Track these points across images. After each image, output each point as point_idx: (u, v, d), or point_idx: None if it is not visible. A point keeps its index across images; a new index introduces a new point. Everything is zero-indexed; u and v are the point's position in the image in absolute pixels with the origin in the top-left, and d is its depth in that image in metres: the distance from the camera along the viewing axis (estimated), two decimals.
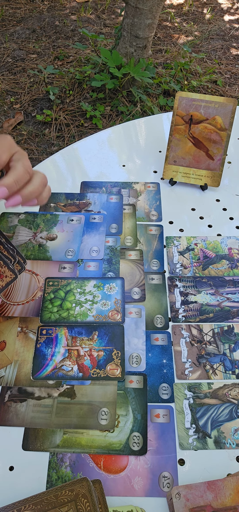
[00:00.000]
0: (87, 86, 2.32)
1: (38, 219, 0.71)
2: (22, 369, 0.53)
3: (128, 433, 0.48)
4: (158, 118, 0.98)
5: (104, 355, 0.54)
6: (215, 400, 0.51)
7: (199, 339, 0.56)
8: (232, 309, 0.60)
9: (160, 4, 2.04)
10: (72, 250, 0.66)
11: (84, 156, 0.86)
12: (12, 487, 0.44)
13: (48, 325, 0.57)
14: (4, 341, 0.55)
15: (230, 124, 0.73)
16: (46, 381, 0.52)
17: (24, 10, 3.11)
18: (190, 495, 0.41)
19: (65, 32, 2.90)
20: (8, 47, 2.69)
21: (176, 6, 3.30)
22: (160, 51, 2.75)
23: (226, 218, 0.73)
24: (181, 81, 2.38)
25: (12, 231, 0.69)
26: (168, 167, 0.78)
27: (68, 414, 0.49)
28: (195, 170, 0.77)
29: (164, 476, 0.45)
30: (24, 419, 0.49)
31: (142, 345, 0.55)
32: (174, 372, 0.53)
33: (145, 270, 0.64)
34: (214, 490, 0.41)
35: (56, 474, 0.45)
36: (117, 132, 0.93)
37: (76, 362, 0.53)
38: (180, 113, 0.75)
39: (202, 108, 0.74)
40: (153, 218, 0.72)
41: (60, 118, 2.15)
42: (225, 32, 3.00)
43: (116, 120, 2.15)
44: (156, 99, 2.26)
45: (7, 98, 2.30)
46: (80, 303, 0.59)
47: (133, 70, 2.09)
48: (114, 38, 2.71)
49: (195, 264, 0.65)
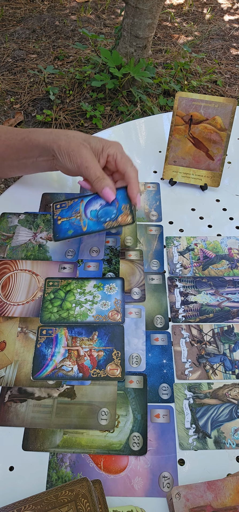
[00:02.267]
0: (87, 86, 2.32)
1: (38, 219, 0.71)
2: (22, 369, 0.53)
3: (128, 433, 0.48)
4: (158, 118, 0.98)
5: (104, 355, 0.54)
6: (215, 400, 0.51)
7: (199, 339, 0.56)
8: (232, 309, 0.60)
9: (160, 4, 2.04)
10: (72, 250, 0.66)
11: None
12: (12, 487, 0.44)
13: (48, 325, 0.57)
14: (4, 341, 0.55)
15: (230, 124, 0.73)
16: (46, 381, 0.52)
17: (24, 10, 3.11)
18: (190, 495, 0.41)
19: (65, 32, 2.90)
20: (8, 47, 2.69)
21: (176, 6, 3.30)
22: (160, 51, 2.75)
23: (226, 218, 0.73)
24: (181, 81, 2.38)
25: (12, 231, 0.69)
26: (168, 167, 0.78)
27: (68, 414, 0.49)
28: (195, 170, 0.77)
29: (164, 476, 0.45)
30: (24, 419, 0.49)
31: (142, 345, 0.55)
32: (174, 372, 0.53)
33: (145, 270, 0.64)
34: (214, 490, 0.41)
35: (56, 474, 0.45)
36: (118, 132, 0.93)
37: (76, 362, 0.53)
38: (180, 113, 0.75)
39: (202, 108, 0.74)
40: (153, 218, 0.72)
41: (60, 118, 2.15)
42: (225, 32, 3.00)
43: (116, 120, 2.15)
44: (156, 99, 2.26)
45: (7, 98, 2.30)
46: (80, 303, 0.59)
47: (133, 70, 2.09)
48: (114, 38, 2.71)
49: (195, 264, 0.65)
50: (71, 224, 0.58)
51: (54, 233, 0.60)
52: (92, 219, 0.59)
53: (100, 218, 0.58)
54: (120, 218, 0.57)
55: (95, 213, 0.59)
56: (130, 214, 0.58)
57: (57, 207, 0.62)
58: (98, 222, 0.58)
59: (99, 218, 0.58)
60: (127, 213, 0.57)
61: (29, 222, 0.71)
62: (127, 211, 0.57)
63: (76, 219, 0.58)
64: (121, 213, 0.57)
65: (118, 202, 0.59)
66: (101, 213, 0.58)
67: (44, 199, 0.76)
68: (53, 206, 0.63)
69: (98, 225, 0.58)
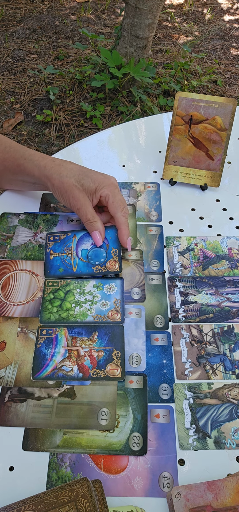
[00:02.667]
0: (87, 86, 2.32)
1: (38, 220, 0.71)
2: (22, 369, 0.53)
3: (128, 433, 0.48)
4: (158, 118, 0.98)
5: (104, 355, 0.54)
6: (215, 400, 0.51)
7: (199, 339, 0.56)
8: (232, 309, 0.60)
9: (160, 4, 2.04)
10: None
11: (84, 156, 0.86)
12: (12, 487, 0.44)
13: (48, 326, 0.57)
14: (4, 341, 0.55)
15: (230, 124, 0.73)
16: (46, 381, 0.52)
17: (24, 10, 3.11)
18: (190, 495, 0.41)
19: (65, 32, 2.90)
20: (8, 47, 2.69)
21: (176, 6, 3.30)
22: (160, 51, 2.75)
23: (226, 218, 0.73)
24: (181, 81, 2.38)
25: (12, 231, 0.69)
26: (168, 167, 0.78)
27: (68, 414, 0.49)
28: (195, 170, 0.77)
29: (164, 476, 0.45)
30: (24, 419, 0.49)
31: (142, 345, 0.55)
32: (174, 372, 0.53)
33: (145, 270, 0.64)
34: (214, 490, 0.41)
35: (56, 474, 0.45)
36: (118, 132, 0.93)
37: (76, 362, 0.53)
38: (180, 113, 0.75)
39: (202, 108, 0.74)
40: (153, 218, 0.72)
41: (60, 118, 2.15)
42: (225, 32, 3.00)
43: (116, 120, 2.15)
44: (156, 99, 2.26)
45: (7, 98, 2.30)
46: (79, 303, 0.59)
47: (133, 70, 2.09)
48: (114, 38, 2.71)
49: (195, 264, 0.65)
50: (62, 262, 0.63)
51: (45, 268, 0.63)
52: (82, 259, 0.63)
53: (90, 260, 0.62)
54: (108, 264, 0.62)
55: (86, 253, 0.63)
56: (118, 262, 0.62)
57: (50, 239, 0.66)
58: (88, 265, 0.62)
59: (89, 260, 0.62)
60: (115, 259, 0.62)
61: (29, 222, 0.71)
62: (115, 257, 0.62)
63: (68, 257, 0.62)
64: (109, 258, 0.62)
65: (109, 244, 0.64)
66: (91, 255, 0.62)
67: (44, 199, 0.76)
68: (47, 238, 0.66)
69: (87, 268, 0.62)
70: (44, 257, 0.64)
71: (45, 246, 0.66)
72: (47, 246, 0.65)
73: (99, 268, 0.62)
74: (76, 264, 0.62)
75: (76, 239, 0.65)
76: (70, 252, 0.63)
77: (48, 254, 0.64)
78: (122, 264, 0.63)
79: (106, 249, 0.63)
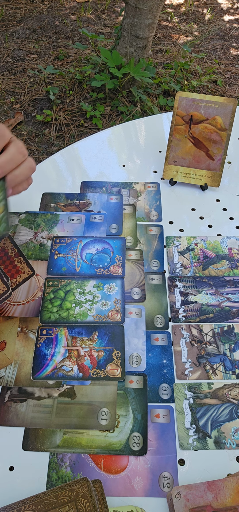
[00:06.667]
0: (87, 86, 2.32)
1: (38, 219, 0.71)
2: (22, 369, 0.53)
3: (128, 433, 0.48)
4: (158, 118, 0.98)
5: (105, 355, 0.54)
6: (215, 400, 0.51)
7: (199, 339, 0.56)
8: (232, 309, 0.60)
9: (160, 4, 2.04)
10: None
11: (84, 156, 0.86)
12: (12, 487, 0.44)
13: (48, 325, 0.57)
14: (4, 341, 0.55)
15: (230, 124, 0.73)
16: (46, 381, 0.52)
17: (24, 10, 3.11)
18: (190, 495, 0.41)
19: (65, 32, 2.90)
20: (8, 47, 2.69)
21: (175, 6, 3.30)
22: (160, 51, 2.75)
23: (226, 218, 0.73)
24: (181, 81, 2.38)
25: (13, 231, 0.69)
26: (168, 167, 0.78)
27: (68, 414, 0.49)
28: (195, 170, 0.77)
29: (164, 476, 0.45)
30: (24, 419, 0.49)
31: (142, 345, 0.55)
32: (174, 372, 0.53)
33: (145, 270, 0.64)
34: (214, 490, 0.41)
35: (56, 474, 0.45)
36: (117, 132, 0.93)
37: (76, 362, 0.53)
38: (180, 113, 0.75)
39: (202, 108, 0.74)
40: (153, 218, 0.72)
41: (60, 118, 2.15)
42: (225, 32, 3.00)
43: (116, 120, 2.15)
44: (156, 99, 2.26)
45: (7, 98, 2.30)
46: (80, 303, 0.59)
47: (133, 70, 2.09)
48: (114, 38, 2.71)
49: (195, 264, 0.65)
50: (66, 262, 0.64)
51: (49, 266, 0.64)
52: (86, 261, 0.64)
53: (94, 263, 0.63)
54: (112, 268, 0.63)
55: (90, 256, 0.64)
56: (121, 267, 0.63)
57: (56, 242, 0.67)
58: (91, 267, 0.63)
59: (93, 263, 0.63)
60: (119, 265, 0.63)
61: (29, 221, 0.71)
62: (119, 262, 0.63)
63: (72, 258, 0.64)
64: (113, 264, 0.63)
65: (113, 251, 0.65)
66: (96, 259, 0.63)
67: (44, 198, 0.75)
68: (53, 240, 0.68)
69: (90, 270, 0.63)
70: (48, 257, 0.65)
71: (51, 247, 0.67)
72: (52, 247, 0.66)
73: (102, 271, 0.63)
74: (80, 265, 0.63)
75: (82, 244, 0.66)
76: (75, 254, 0.64)
77: (53, 254, 0.65)
78: (125, 270, 0.63)
79: (111, 255, 0.64)
